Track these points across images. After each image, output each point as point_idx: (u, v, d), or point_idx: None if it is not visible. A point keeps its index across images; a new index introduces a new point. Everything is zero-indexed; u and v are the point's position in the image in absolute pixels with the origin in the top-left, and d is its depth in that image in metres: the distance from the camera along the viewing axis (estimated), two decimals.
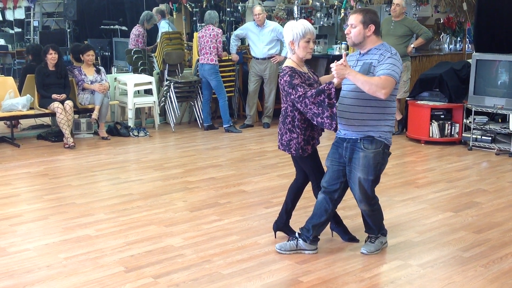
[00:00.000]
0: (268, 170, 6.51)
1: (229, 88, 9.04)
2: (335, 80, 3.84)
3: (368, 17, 3.91)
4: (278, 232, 4.52)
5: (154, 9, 10.14)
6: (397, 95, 8.26)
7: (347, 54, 4.02)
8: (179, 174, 6.36)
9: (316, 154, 4.27)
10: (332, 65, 3.85)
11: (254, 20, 8.80)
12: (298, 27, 3.98)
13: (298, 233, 4.25)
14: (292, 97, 3.94)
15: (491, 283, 3.79)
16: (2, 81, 7.99)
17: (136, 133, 8.25)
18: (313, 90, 3.88)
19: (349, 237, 4.48)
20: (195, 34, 9.12)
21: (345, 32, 4.18)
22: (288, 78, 3.95)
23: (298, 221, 4.57)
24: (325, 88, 3.81)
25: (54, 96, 7.56)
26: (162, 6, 10.56)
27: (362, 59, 4.02)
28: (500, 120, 7.59)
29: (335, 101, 3.82)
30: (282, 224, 4.50)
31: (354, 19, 3.94)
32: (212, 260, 4.10)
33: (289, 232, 4.48)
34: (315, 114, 3.88)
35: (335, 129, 3.88)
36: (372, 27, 3.91)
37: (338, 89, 3.95)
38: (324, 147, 4.76)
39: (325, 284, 3.76)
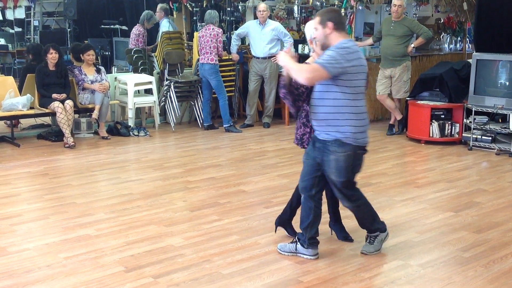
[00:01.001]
0: (268, 170, 6.51)
1: (229, 88, 9.04)
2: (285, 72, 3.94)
3: (325, 16, 3.88)
4: (278, 229, 4.52)
5: (159, 5, 10.12)
6: (398, 95, 8.37)
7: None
8: (179, 173, 6.36)
9: None
10: (280, 52, 4.00)
11: (255, 19, 8.80)
12: (310, 27, 4.06)
13: (297, 237, 4.24)
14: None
15: (491, 283, 3.79)
16: (2, 81, 7.99)
17: (136, 133, 8.25)
18: None
19: (343, 236, 4.49)
20: (195, 33, 9.12)
21: (308, 41, 4.25)
22: None
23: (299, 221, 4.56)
24: None
25: (54, 95, 7.55)
26: (166, 5, 10.55)
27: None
28: (500, 120, 7.59)
29: (288, 88, 3.92)
30: (285, 220, 4.49)
31: (314, 23, 3.95)
32: (212, 260, 4.10)
33: (290, 230, 4.48)
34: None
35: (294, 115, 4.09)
36: (330, 24, 3.84)
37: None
38: None
39: (325, 284, 3.76)
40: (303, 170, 4.14)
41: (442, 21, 10.84)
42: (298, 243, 4.18)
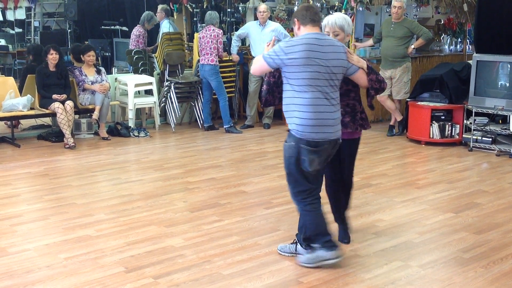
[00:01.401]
0: (268, 170, 6.51)
1: (230, 89, 9.04)
2: None
3: (294, 15, 4.00)
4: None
5: (159, 6, 10.12)
6: (398, 96, 8.37)
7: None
8: (180, 174, 6.36)
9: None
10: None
11: (255, 20, 8.80)
12: (323, 21, 4.14)
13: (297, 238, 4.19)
14: None
15: (491, 284, 3.79)
16: (2, 81, 7.99)
17: (136, 134, 8.25)
18: None
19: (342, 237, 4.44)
20: (195, 34, 9.12)
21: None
22: None
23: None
24: None
25: (54, 96, 7.56)
26: (166, 6, 10.55)
27: None
28: (500, 121, 7.59)
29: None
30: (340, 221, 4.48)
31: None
32: (213, 260, 4.10)
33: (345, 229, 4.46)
34: None
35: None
36: (296, 21, 3.93)
37: None
38: None
39: (326, 284, 3.76)
40: None
41: (442, 22, 10.85)
42: (298, 243, 4.17)
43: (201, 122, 8.89)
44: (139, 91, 8.72)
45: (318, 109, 3.78)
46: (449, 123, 7.77)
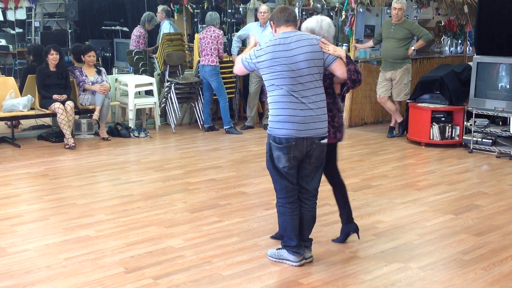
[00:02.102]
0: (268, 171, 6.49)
1: (230, 90, 9.04)
2: None
3: (270, 18, 4.18)
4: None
5: (160, 7, 10.12)
6: (398, 98, 8.37)
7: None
8: (180, 175, 6.36)
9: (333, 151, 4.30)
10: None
11: (256, 21, 8.80)
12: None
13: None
14: None
15: (491, 286, 3.79)
16: (3, 82, 7.99)
17: (136, 134, 8.25)
18: None
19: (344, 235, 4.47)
20: (196, 35, 9.13)
21: None
22: None
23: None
24: None
25: (55, 96, 7.56)
26: (166, 6, 10.56)
27: None
28: (500, 123, 7.59)
29: None
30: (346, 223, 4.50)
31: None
32: (212, 261, 4.10)
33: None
34: None
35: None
36: (272, 24, 4.04)
37: None
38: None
39: (325, 286, 3.76)
40: None
41: (442, 23, 10.85)
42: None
43: (201, 122, 8.89)
44: (139, 92, 8.72)
45: (283, 106, 3.84)
46: (449, 125, 7.78)
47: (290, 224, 3.98)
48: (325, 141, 3.95)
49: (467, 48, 10.71)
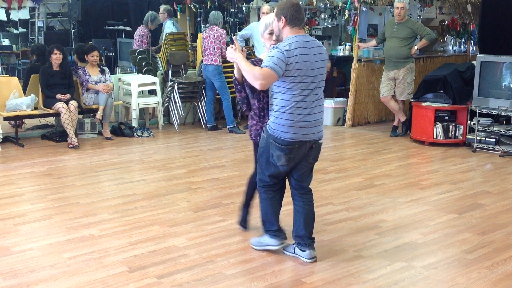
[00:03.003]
0: None
1: (233, 89, 9.01)
2: (235, 65, 4.07)
3: (279, 10, 3.94)
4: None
5: (162, 7, 10.13)
6: (401, 97, 8.36)
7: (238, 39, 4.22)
8: (183, 174, 6.37)
9: None
10: (228, 48, 4.07)
11: (259, 20, 8.80)
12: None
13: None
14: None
15: (495, 285, 3.78)
16: (6, 81, 8.01)
17: (140, 134, 8.26)
18: None
19: (242, 222, 4.63)
20: (199, 34, 9.13)
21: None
22: None
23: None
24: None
25: (58, 96, 7.57)
26: (169, 6, 10.56)
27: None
28: (504, 122, 7.57)
29: (239, 87, 4.16)
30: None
31: (273, 15, 4.07)
32: (216, 260, 4.10)
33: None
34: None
35: (244, 111, 4.28)
36: (283, 19, 3.91)
37: None
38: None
39: (328, 285, 3.76)
40: None
41: (446, 23, 10.83)
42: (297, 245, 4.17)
43: (205, 122, 8.90)
44: (142, 91, 8.73)
45: (292, 111, 3.89)
46: (453, 124, 7.76)
47: (271, 209, 4.16)
48: (322, 140, 4.05)
49: (471, 47, 10.69)
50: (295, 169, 4.04)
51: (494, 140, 7.45)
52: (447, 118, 7.78)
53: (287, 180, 4.21)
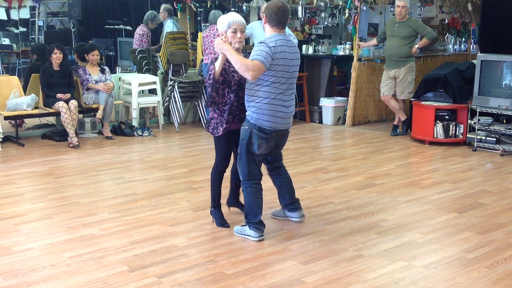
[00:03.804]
0: None
1: None
2: (219, 57, 4.29)
3: (265, 8, 4.41)
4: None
5: (162, 6, 10.13)
6: (402, 96, 8.36)
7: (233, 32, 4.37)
8: (183, 174, 6.37)
9: (229, 139, 4.56)
10: (215, 39, 4.34)
11: (259, 19, 8.80)
12: (224, 19, 4.39)
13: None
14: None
15: (495, 285, 3.78)
16: (7, 81, 8.01)
17: (140, 133, 8.26)
18: (209, 72, 4.36)
19: (221, 223, 4.74)
20: (199, 34, 9.13)
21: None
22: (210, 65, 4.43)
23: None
24: (211, 68, 4.34)
25: (58, 95, 7.57)
26: (169, 5, 10.56)
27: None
28: (504, 121, 7.56)
29: (212, 81, 4.30)
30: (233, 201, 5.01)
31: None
32: (216, 260, 4.10)
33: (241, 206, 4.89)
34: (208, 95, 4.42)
35: (206, 106, 4.52)
36: (264, 17, 4.37)
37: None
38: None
39: (329, 284, 3.76)
40: None
41: (446, 21, 10.84)
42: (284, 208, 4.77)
43: (205, 121, 8.89)
44: (143, 91, 8.73)
45: (274, 102, 4.30)
46: (453, 123, 7.76)
47: (256, 203, 4.46)
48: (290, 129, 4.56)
49: (471, 46, 10.69)
50: (269, 154, 4.56)
51: (495, 139, 7.45)
52: (447, 117, 7.78)
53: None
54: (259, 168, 4.48)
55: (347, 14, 9.23)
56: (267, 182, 6.02)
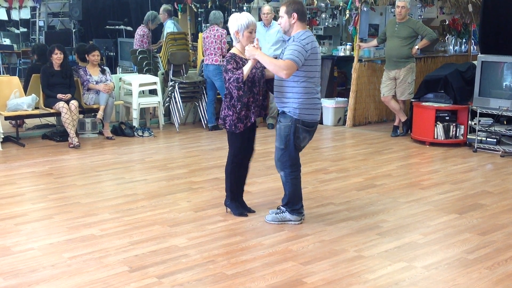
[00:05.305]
0: (272, 170, 6.48)
1: None
2: (250, 62, 4.50)
3: (291, 7, 4.52)
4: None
5: (162, 7, 10.13)
6: (402, 97, 8.36)
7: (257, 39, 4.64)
8: (184, 174, 6.37)
9: (245, 135, 4.79)
10: (246, 47, 4.52)
11: (260, 20, 8.80)
12: (243, 18, 4.59)
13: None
14: (225, 80, 4.63)
15: (496, 285, 3.78)
16: (7, 81, 8.02)
17: (140, 133, 8.26)
18: (235, 75, 4.51)
19: (239, 212, 4.95)
20: (200, 34, 9.14)
21: (277, 22, 4.89)
22: (225, 63, 4.62)
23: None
24: (239, 72, 4.51)
25: (59, 96, 7.57)
26: (169, 6, 10.56)
27: (288, 43, 4.62)
28: (505, 122, 7.56)
29: (241, 85, 4.49)
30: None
31: (281, 11, 4.59)
32: (216, 260, 4.10)
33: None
34: (237, 97, 4.58)
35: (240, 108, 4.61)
36: (295, 15, 4.51)
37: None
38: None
39: (329, 285, 3.76)
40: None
41: (447, 22, 10.83)
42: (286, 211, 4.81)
43: (205, 122, 8.90)
44: (143, 91, 8.73)
45: (313, 96, 4.58)
46: (454, 124, 7.76)
47: (300, 190, 4.76)
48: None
49: (472, 47, 10.69)
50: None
51: (495, 140, 7.44)
52: (447, 118, 7.78)
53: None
54: (299, 159, 4.76)
55: (347, 15, 9.24)
56: (267, 182, 6.05)
